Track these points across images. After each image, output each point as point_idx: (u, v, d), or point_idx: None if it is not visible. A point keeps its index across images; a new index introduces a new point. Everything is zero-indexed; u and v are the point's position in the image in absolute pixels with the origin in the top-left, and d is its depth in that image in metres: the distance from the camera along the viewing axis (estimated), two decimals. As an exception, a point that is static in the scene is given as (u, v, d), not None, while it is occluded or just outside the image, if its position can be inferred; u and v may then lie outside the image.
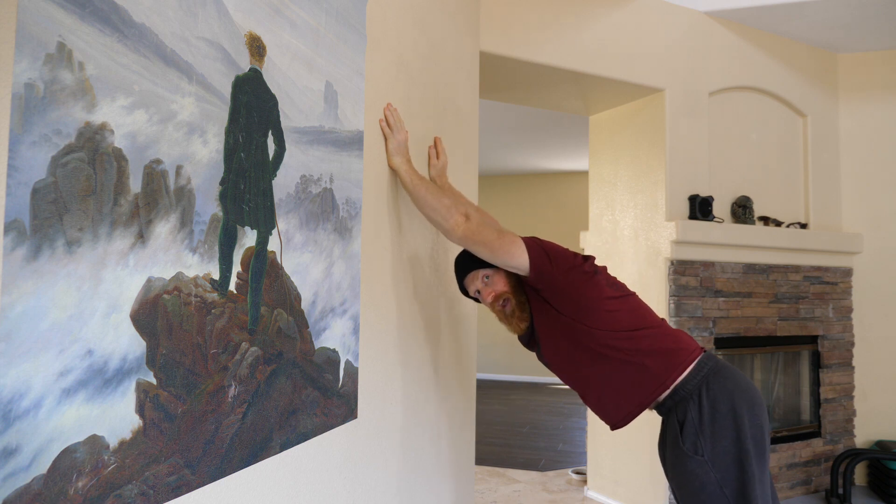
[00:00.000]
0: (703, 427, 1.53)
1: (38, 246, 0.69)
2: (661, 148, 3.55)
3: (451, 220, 1.68)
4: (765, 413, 1.59)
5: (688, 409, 1.56)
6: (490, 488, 3.96)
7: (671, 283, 3.44)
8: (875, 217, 4.08)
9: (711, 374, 1.59)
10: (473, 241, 1.67)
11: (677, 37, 3.61)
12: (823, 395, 3.92)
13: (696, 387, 1.57)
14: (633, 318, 1.66)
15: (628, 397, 1.64)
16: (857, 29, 3.80)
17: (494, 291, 1.75)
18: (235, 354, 1.03)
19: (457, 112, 2.33)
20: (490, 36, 3.03)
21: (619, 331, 1.63)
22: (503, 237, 1.66)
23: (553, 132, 6.26)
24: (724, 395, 1.55)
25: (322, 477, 1.34)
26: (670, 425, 1.60)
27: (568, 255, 1.69)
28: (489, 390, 7.61)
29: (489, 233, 1.67)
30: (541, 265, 1.64)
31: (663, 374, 1.59)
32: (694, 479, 1.52)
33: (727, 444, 1.51)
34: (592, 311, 1.64)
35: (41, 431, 0.69)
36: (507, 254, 1.65)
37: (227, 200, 1.02)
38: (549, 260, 1.65)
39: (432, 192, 1.71)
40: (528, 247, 1.65)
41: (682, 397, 1.58)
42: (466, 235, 1.67)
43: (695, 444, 1.53)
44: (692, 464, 1.52)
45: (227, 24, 1.02)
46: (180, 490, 0.90)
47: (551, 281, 1.65)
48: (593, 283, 1.66)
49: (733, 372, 1.63)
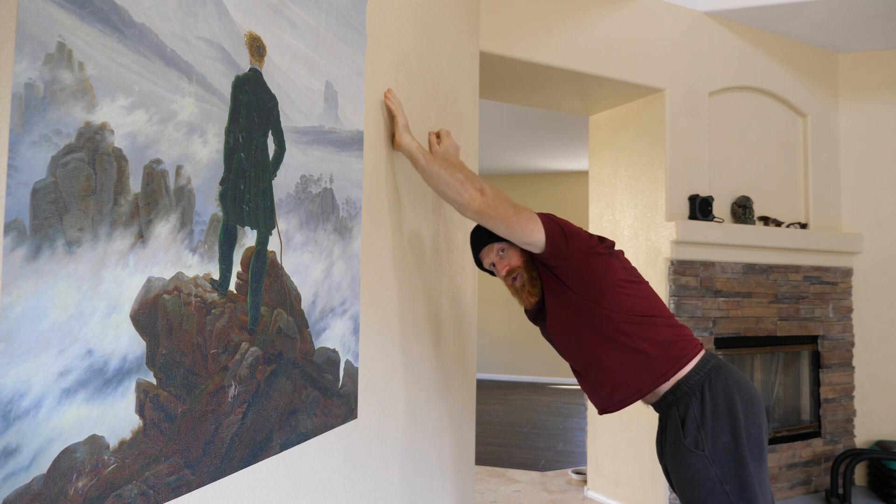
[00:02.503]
0: (704, 423, 1.54)
1: (38, 246, 0.69)
2: (661, 148, 3.55)
3: (466, 194, 1.64)
4: (764, 413, 1.60)
5: (690, 404, 1.57)
6: (490, 488, 3.96)
7: (671, 283, 3.44)
8: (875, 217, 4.08)
9: (714, 370, 1.59)
10: (489, 216, 1.64)
11: (677, 37, 3.61)
12: (823, 395, 3.92)
13: (698, 382, 1.58)
14: (644, 304, 1.65)
15: (626, 384, 1.64)
16: (857, 29, 3.80)
17: (509, 265, 1.75)
18: (235, 354, 1.03)
19: (457, 112, 2.33)
20: (490, 36, 3.03)
21: (630, 314, 1.62)
22: (520, 213, 1.64)
23: (553, 132, 6.26)
24: (726, 393, 1.56)
25: (322, 477, 1.34)
26: (671, 420, 1.61)
27: (584, 235, 1.68)
28: (489, 390, 7.61)
29: (505, 208, 1.64)
30: (556, 242, 1.63)
31: (665, 365, 1.60)
32: (694, 474, 1.52)
33: (728, 440, 1.52)
34: (606, 292, 1.63)
35: (41, 431, 0.69)
36: (523, 229, 1.63)
37: (227, 200, 1.02)
38: (565, 237, 1.64)
39: (446, 168, 1.68)
40: (545, 223, 1.64)
41: (684, 392, 1.58)
42: (482, 210, 1.64)
43: (696, 440, 1.53)
44: (693, 459, 1.53)
45: (227, 24, 1.02)
46: (180, 490, 0.90)
47: (566, 259, 1.64)
48: (608, 264, 1.66)
49: (734, 371, 1.64)
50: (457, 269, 2.28)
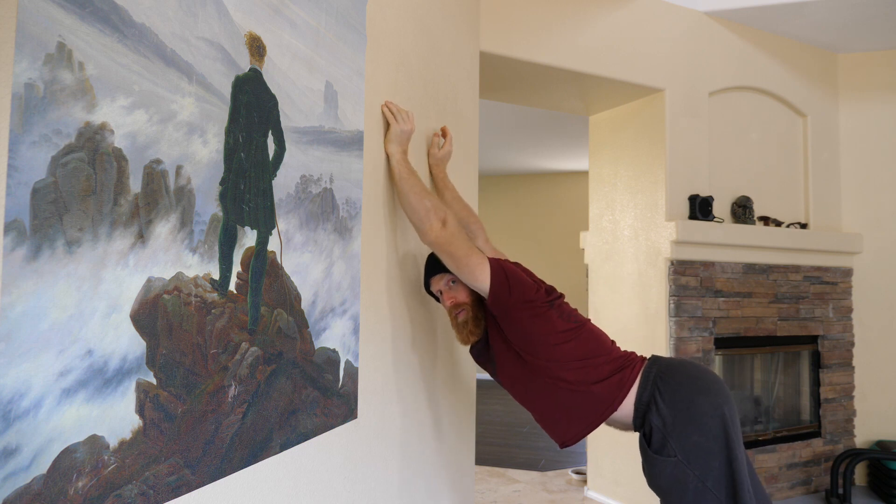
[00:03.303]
0: (668, 430, 1.56)
1: (38, 246, 0.69)
2: (661, 148, 3.55)
3: (427, 223, 1.67)
4: (724, 393, 1.60)
5: (650, 419, 1.60)
6: (490, 488, 3.96)
7: (671, 283, 3.44)
8: (875, 217, 4.08)
9: (659, 377, 1.62)
10: (443, 249, 1.68)
11: (677, 37, 3.61)
12: (823, 395, 3.92)
13: (650, 395, 1.61)
14: (583, 349, 1.68)
15: (577, 421, 1.68)
16: (857, 29, 3.80)
17: (455, 298, 1.77)
18: (235, 354, 1.03)
19: (457, 112, 2.33)
20: (490, 36, 3.03)
21: (567, 361, 1.66)
22: (472, 255, 1.67)
23: (553, 132, 6.25)
24: (677, 393, 1.59)
25: (322, 477, 1.34)
26: (641, 439, 1.64)
27: (530, 287, 1.69)
28: (489, 390, 7.61)
29: (460, 246, 1.67)
30: (499, 292, 1.66)
31: (609, 397, 1.63)
32: (675, 482, 1.54)
33: (696, 438, 1.54)
34: (540, 348, 1.67)
35: (41, 431, 0.69)
36: (470, 272, 1.67)
37: (227, 200, 1.02)
38: (508, 289, 1.66)
39: (415, 190, 1.69)
40: (493, 271, 1.66)
41: (642, 411, 1.62)
42: (437, 242, 1.67)
43: (665, 448, 1.56)
44: (669, 467, 1.55)
45: (227, 24, 1.02)
46: (180, 490, 0.90)
47: (506, 310, 1.68)
48: (547, 318, 1.68)
49: (681, 365, 1.67)
50: (457, 269, 2.28)
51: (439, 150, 2.01)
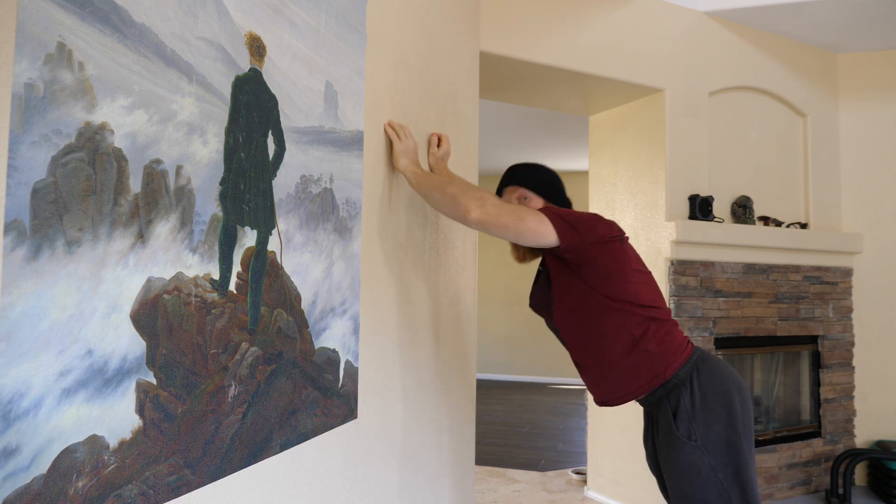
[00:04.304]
0: (695, 413, 1.55)
1: (38, 246, 0.69)
2: (661, 148, 3.55)
3: (460, 208, 1.59)
4: (750, 399, 1.63)
5: (680, 396, 1.58)
6: (490, 488, 3.96)
7: (671, 283, 3.44)
8: (875, 217, 4.08)
9: (700, 361, 1.62)
10: (492, 225, 1.58)
11: (677, 37, 3.61)
12: (823, 395, 3.92)
13: (687, 374, 1.60)
14: (651, 294, 1.67)
15: (626, 383, 1.65)
16: (857, 29, 3.80)
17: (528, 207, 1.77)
18: (235, 354, 1.03)
19: (457, 112, 2.33)
20: (490, 36, 3.03)
21: (638, 305, 1.63)
22: (526, 218, 1.58)
23: (553, 132, 6.25)
24: (713, 382, 1.58)
25: (322, 477, 1.34)
26: (662, 414, 1.62)
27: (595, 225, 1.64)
28: (489, 390, 7.61)
29: (508, 215, 1.59)
30: (570, 241, 1.60)
31: (663, 364, 1.61)
32: (689, 465, 1.54)
33: (719, 429, 1.54)
34: (619, 282, 1.63)
35: (41, 431, 0.69)
36: (533, 235, 1.59)
37: (227, 200, 1.02)
38: (577, 233, 1.61)
39: (436, 185, 1.67)
40: (555, 223, 1.59)
41: (674, 385, 1.60)
42: (480, 221, 1.58)
43: (689, 431, 1.55)
44: (686, 450, 1.54)
45: (227, 24, 1.02)
46: (180, 490, 0.90)
47: (581, 253, 1.62)
48: (622, 251, 1.66)
49: (718, 360, 1.68)
50: (456, 269, 2.28)
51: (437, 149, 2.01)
